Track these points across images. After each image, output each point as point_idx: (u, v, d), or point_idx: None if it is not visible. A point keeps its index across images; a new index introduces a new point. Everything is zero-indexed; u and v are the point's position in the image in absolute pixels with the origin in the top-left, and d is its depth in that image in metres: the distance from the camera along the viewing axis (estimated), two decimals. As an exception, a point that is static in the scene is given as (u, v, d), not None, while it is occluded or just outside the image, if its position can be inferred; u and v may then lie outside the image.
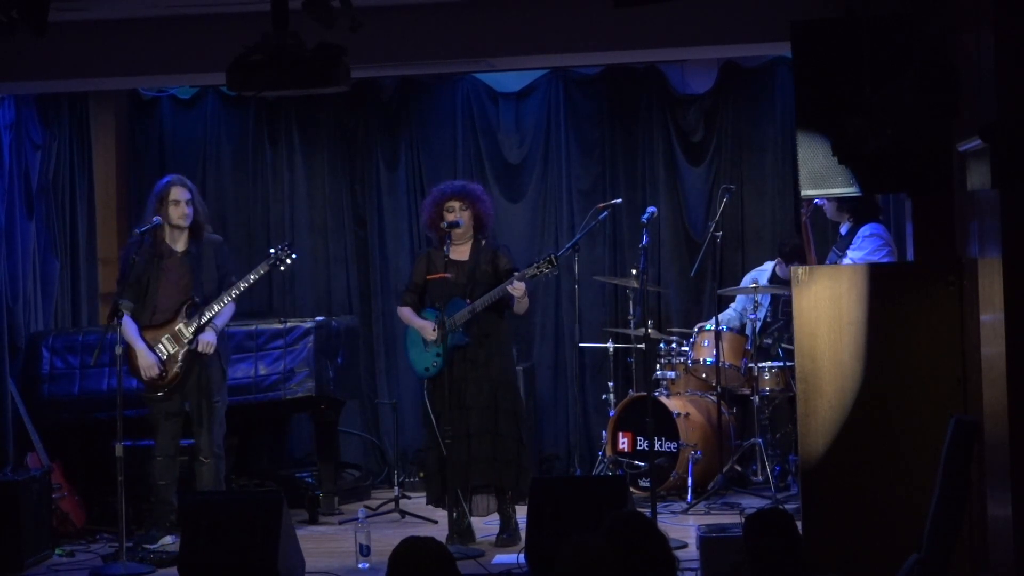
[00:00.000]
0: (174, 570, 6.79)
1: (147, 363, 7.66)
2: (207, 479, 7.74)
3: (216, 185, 9.99)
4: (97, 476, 8.26)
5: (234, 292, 7.73)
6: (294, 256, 7.83)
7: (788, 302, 8.76)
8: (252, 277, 7.73)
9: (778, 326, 8.73)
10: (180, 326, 7.71)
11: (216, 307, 7.71)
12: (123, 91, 9.72)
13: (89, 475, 8.40)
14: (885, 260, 7.34)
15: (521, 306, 7.61)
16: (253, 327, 8.70)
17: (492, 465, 7.55)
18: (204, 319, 7.70)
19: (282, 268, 7.84)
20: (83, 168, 9.51)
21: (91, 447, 8.45)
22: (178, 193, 7.74)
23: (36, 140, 9.10)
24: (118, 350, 7.29)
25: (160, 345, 7.71)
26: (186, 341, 7.69)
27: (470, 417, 7.51)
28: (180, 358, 7.70)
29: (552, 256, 7.50)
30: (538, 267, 7.44)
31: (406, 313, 7.79)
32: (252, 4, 7.16)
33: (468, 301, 7.53)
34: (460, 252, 7.70)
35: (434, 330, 7.50)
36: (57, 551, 7.77)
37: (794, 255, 8.78)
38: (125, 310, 7.55)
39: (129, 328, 7.60)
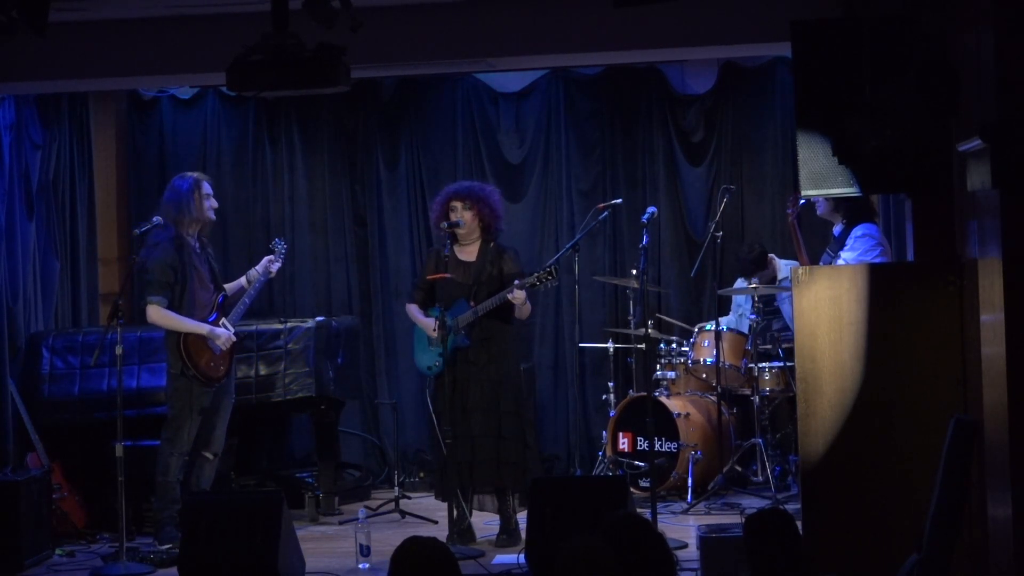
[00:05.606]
0: (174, 570, 6.79)
1: (218, 335, 7.57)
2: (209, 474, 7.74)
3: (216, 185, 9.90)
4: (97, 476, 8.25)
5: (255, 288, 7.78)
6: (284, 246, 7.98)
7: (765, 299, 8.85)
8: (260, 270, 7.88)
9: (762, 326, 8.72)
10: (224, 320, 7.69)
11: (247, 300, 7.73)
12: (123, 91, 9.72)
13: (89, 475, 8.39)
14: (878, 260, 7.34)
15: (523, 312, 7.63)
16: (253, 327, 8.70)
17: (496, 467, 7.55)
18: (240, 312, 7.72)
19: (280, 262, 7.91)
20: (83, 168, 9.51)
21: (91, 447, 8.44)
22: (207, 187, 7.76)
23: (36, 140, 9.10)
24: (118, 350, 7.29)
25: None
26: (233, 336, 7.70)
27: (472, 419, 7.51)
28: (229, 352, 7.71)
29: (553, 267, 7.50)
30: (538, 277, 7.44)
31: (412, 310, 7.82)
32: (252, 4, 7.16)
33: (472, 303, 7.53)
34: (468, 253, 7.70)
35: (435, 329, 7.51)
36: (57, 551, 7.78)
37: (755, 265, 8.83)
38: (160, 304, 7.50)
39: (174, 315, 7.53)
